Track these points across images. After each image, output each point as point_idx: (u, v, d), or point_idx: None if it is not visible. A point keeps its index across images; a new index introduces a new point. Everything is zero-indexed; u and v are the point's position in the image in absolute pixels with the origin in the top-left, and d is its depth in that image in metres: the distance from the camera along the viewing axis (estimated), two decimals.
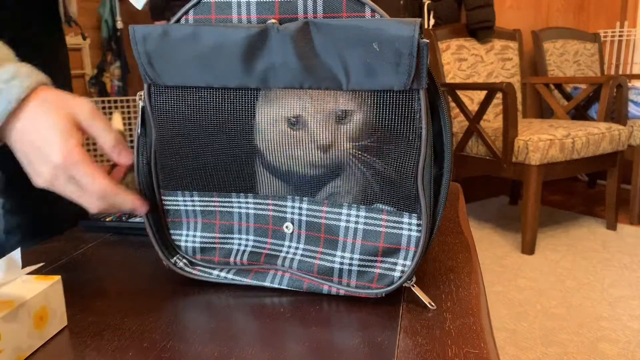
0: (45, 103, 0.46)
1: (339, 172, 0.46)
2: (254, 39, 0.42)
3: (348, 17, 0.42)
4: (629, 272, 1.90)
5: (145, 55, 0.45)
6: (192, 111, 0.47)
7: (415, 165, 0.43)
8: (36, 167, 0.46)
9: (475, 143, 2.19)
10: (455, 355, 0.37)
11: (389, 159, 0.44)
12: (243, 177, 0.48)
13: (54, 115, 0.46)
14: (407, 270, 0.45)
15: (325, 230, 0.47)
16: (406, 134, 0.42)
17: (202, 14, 0.45)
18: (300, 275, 0.48)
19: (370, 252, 0.46)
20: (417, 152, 0.42)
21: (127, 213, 0.72)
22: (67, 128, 0.46)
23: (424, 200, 0.44)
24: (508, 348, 1.41)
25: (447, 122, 0.46)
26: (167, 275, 0.52)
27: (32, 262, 0.48)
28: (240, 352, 0.38)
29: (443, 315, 0.43)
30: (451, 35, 2.43)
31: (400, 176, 0.44)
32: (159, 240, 0.51)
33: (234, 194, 0.49)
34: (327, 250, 0.47)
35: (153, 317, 0.44)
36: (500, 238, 2.29)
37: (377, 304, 0.46)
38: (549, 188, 3.04)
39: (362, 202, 0.46)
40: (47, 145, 0.45)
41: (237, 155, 0.47)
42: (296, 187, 0.47)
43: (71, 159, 0.45)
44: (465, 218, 0.72)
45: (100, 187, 0.46)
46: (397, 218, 0.45)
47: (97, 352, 0.39)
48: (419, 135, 0.42)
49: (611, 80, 2.22)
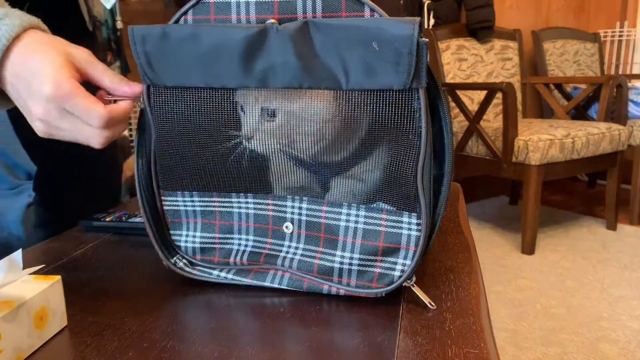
0: (40, 41, 0.45)
1: (340, 171, 0.46)
2: (253, 39, 0.42)
3: (347, 16, 0.42)
4: (629, 272, 1.90)
5: (144, 56, 0.45)
6: (192, 111, 0.46)
7: (415, 164, 0.43)
8: (29, 104, 0.45)
9: (475, 143, 2.19)
10: (455, 355, 0.37)
11: (389, 157, 0.44)
12: (243, 177, 0.48)
13: (49, 51, 0.45)
14: (407, 269, 0.45)
15: (325, 229, 0.47)
16: (406, 133, 0.42)
17: (201, 15, 0.45)
18: (300, 275, 0.48)
19: (370, 251, 0.46)
20: (416, 151, 0.42)
21: (127, 213, 0.72)
22: (60, 62, 0.44)
23: (423, 200, 0.44)
24: (508, 348, 1.41)
25: (447, 122, 0.47)
26: (167, 275, 0.52)
27: (32, 262, 0.48)
28: (240, 352, 0.38)
29: (443, 315, 0.43)
30: (451, 35, 2.43)
31: (400, 175, 0.44)
32: (159, 241, 0.51)
33: (234, 194, 0.49)
34: (327, 250, 0.47)
35: (153, 317, 0.44)
36: (500, 238, 2.29)
37: (377, 304, 0.46)
38: (549, 188, 3.04)
39: (362, 201, 0.46)
40: (39, 77, 0.44)
41: (237, 156, 0.47)
42: (296, 187, 0.47)
43: (63, 90, 0.43)
44: (465, 218, 0.72)
45: (97, 115, 0.44)
46: (397, 217, 0.45)
47: (97, 352, 0.39)
48: (418, 134, 0.42)
49: (611, 80, 2.22)
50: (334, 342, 0.40)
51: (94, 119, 0.45)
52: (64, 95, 0.43)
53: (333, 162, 0.46)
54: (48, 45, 0.45)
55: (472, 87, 2.28)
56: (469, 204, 2.81)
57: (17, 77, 0.45)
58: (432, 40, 2.38)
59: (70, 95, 0.44)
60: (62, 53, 0.45)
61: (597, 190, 3.05)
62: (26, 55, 0.45)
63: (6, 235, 0.79)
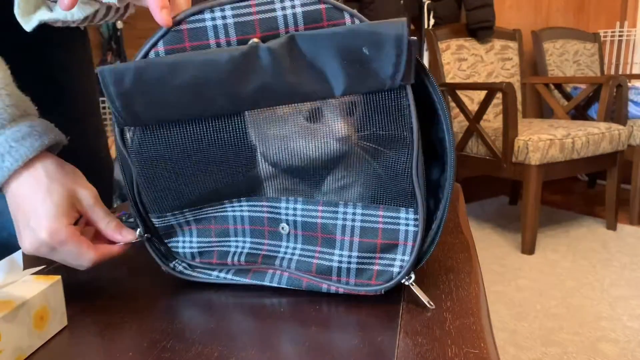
0: (49, 175, 0.46)
1: (334, 174, 0.46)
2: (239, 62, 0.40)
3: (329, 25, 0.41)
4: (629, 272, 1.90)
5: (119, 98, 0.41)
6: (181, 147, 0.43)
7: (409, 160, 0.43)
8: (22, 234, 0.45)
9: (475, 143, 2.19)
10: (455, 355, 0.37)
11: (383, 156, 0.44)
12: (235, 187, 0.47)
13: (54, 192, 0.45)
14: (406, 265, 0.45)
15: (322, 229, 0.47)
16: (398, 130, 0.42)
17: (174, 44, 0.41)
18: (300, 275, 0.48)
19: (369, 249, 0.46)
20: (409, 147, 0.43)
21: (127, 213, 0.72)
22: (62, 209, 0.45)
23: (419, 194, 0.44)
24: (508, 348, 1.41)
25: (448, 123, 0.46)
26: (167, 276, 0.52)
27: (32, 261, 0.48)
28: (240, 352, 0.38)
29: (443, 315, 0.43)
30: (451, 35, 2.43)
31: (395, 172, 0.44)
32: (155, 250, 0.51)
33: (226, 200, 0.48)
34: (325, 249, 0.47)
35: (153, 317, 0.44)
36: (500, 238, 2.29)
37: (376, 303, 0.46)
38: (549, 188, 3.04)
39: (358, 199, 0.46)
40: (37, 219, 0.44)
41: (232, 175, 0.46)
42: (288, 189, 0.47)
43: (58, 238, 0.44)
44: (465, 218, 0.72)
45: (88, 259, 0.46)
46: (394, 214, 0.45)
47: (97, 352, 0.39)
48: (410, 130, 0.42)
49: (611, 80, 2.22)
50: (334, 342, 0.40)
51: (84, 262, 0.47)
52: (58, 241, 0.45)
53: (326, 169, 0.45)
54: (56, 184, 0.46)
55: (472, 87, 2.28)
56: (469, 204, 2.81)
57: (18, 206, 0.46)
58: (432, 40, 2.38)
59: (65, 242, 0.45)
60: (67, 196, 0.46)
61: (597, 190, 3.05)
62: (31, 189, 0.45)
63: (6, 235, 0.79)
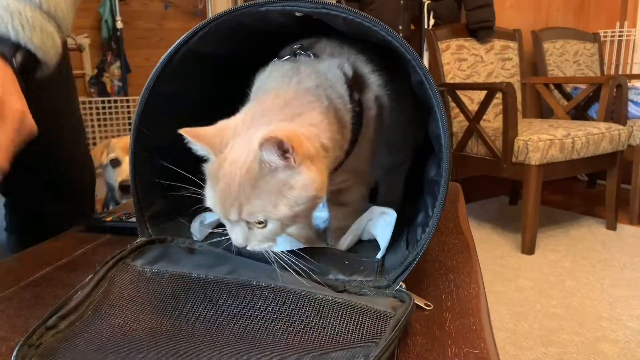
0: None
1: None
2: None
3: None
4: (629, 272, 1.90)
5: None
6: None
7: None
8: None
9: (475, 143, 2.19)
10: (455, 355, 0.37)
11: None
12: None
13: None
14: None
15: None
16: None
17: None
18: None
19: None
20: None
21: (127, 213, 0.72)
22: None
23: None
24: (508, 348, 1.41)
25: (445, 124, 0.46)
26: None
27: (32, 261, 0.48)
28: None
29: (443, 315, 0.43)
30: (451, 35, 2.43)
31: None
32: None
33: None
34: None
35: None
36: (500, 238, 2.29)
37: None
38: (549, 188, 3.04)
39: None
40: None
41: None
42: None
43: None
44: (465, 218, 0.72)
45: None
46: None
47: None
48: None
49: (611, 80, 2.22)
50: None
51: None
52: None
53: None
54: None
55: (472, 87, 2.28)
56: (469, 204, 2.81)
57: None
58: (432, 40, 2.38)
59: None
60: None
61: (597, 190, 3.05)
62: None
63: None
